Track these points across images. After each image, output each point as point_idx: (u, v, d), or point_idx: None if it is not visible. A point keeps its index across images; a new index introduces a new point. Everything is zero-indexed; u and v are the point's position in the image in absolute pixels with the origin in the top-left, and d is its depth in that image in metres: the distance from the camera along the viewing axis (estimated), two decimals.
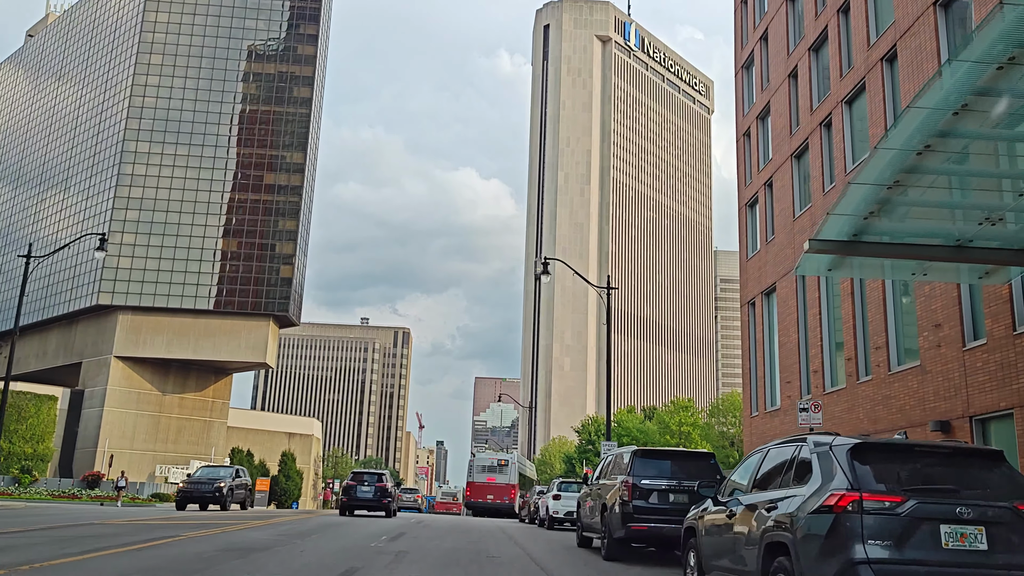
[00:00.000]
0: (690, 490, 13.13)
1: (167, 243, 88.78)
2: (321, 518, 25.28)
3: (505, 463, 46.84)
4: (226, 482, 30.31)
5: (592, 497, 15.62)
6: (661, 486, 13.17)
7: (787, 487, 6.73)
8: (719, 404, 74.55)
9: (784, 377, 24.52)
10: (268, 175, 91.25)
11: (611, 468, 15.03)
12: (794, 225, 24.60)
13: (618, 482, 13.53)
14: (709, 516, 8.15)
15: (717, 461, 13.76)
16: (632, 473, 13.31)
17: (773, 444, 7.89)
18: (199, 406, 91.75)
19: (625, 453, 14.31)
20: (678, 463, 13.72)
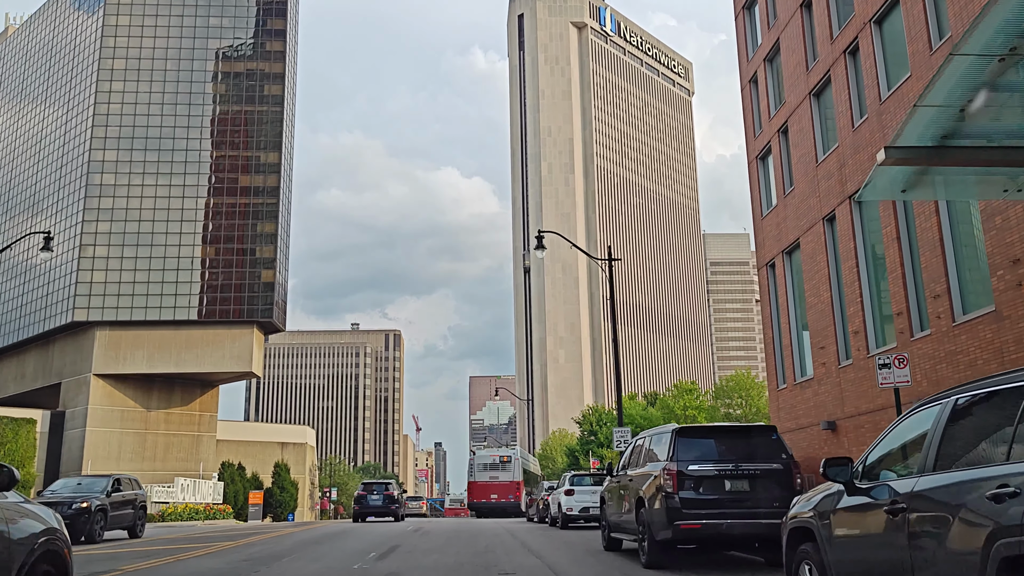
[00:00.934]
0: (751, 474, 10.38)
1: (142, 254, 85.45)
2: (308, 532, 22.44)
3: (508, 459, 44.62)
4: (93, 499, 20.34)
5: (620, 491, 12.86)
6: (713, 472, 10.42)
7: None
8: (724, 385, 72.01)
9: (816, 342, 21.82)
10: (243, 177, 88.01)
11: (642, 454, 12.26)
12: (817, 171, 21.89)
13: (658, 470, 10.78)
14: (846, 512, 5.18)
15: (779, 435, 10.99)
16: (676, 458, 10.55)
17: (922, 404, 5.02)
18: (186, 421, 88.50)
19: (662, 434, 11.53)
20: (731, 442, 10.96)
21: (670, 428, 11.21)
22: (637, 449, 12.75)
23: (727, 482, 10.38)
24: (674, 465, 10.47)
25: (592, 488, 22.50)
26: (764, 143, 25.79)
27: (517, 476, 43.97)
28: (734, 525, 10.16)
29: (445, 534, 20.35)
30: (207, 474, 67.70)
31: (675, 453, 10.59)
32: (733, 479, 10.38)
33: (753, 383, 69.73)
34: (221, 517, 60.76)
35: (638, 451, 12.62)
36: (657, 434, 11.81)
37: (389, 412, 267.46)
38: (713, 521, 10.18)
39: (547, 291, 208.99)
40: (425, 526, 25.66)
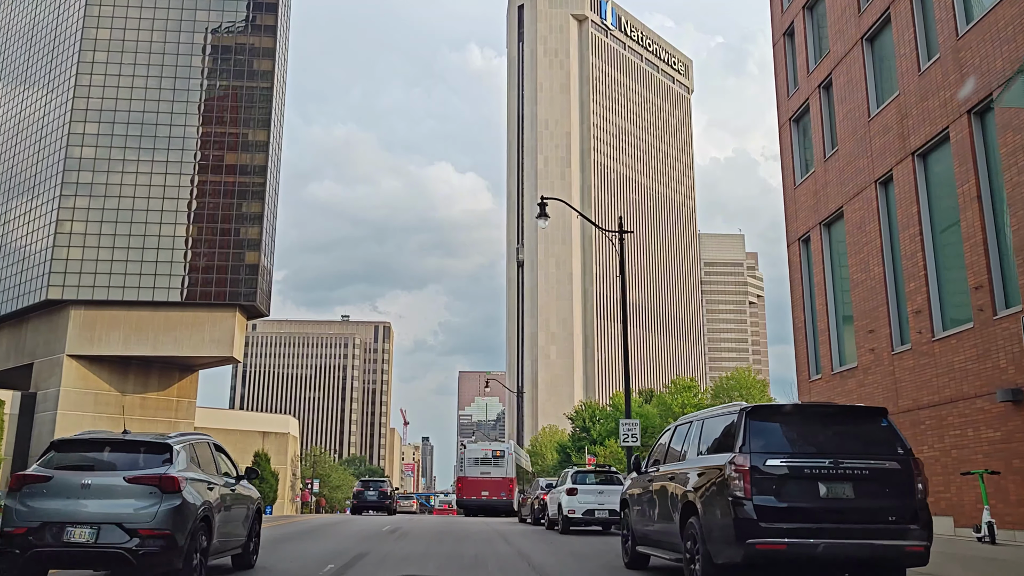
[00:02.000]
0: (856, 474, 7.32)
1: (121, 231, 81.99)
2: (273, 529, 19.32)
3: (500, 454, 41.29)
4: None
5: (653, 493, 9.80)
6: (804, 469, 7.37)
7: None
8: (723, 383, 69.13)
9: (863, 325, 18.83)
10: (230, 155, 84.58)
11: (688, 444, 9.19)
12: (870, 127, 18.88)
13: (720, 464, 7.71)
14: None
15: (890, 420, 7.88)
16: (748, 448, 7.49)
17: None
18: (163, 406, 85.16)
19: (723, 416, 8.45)
20: (826, 428, 7.85)
21: (736, 407, 8.12)
22: (678, 437, 9.68)
23: (822, 485, 7.32)
24: (746, 459, 7.41)
25: (597, 487, 19.48)
26: (800, 102, 22.78)
27: (510, 472, 40.96)
28: (833, 547, 7.12)
29: (426, 538, 17.30)
30: None
31: (747, 441, 7.52)
32: (831, 481, 7.32)
33: (754, 381, 66.91)
34: None
35: (680, 440, 9.54)
36: (714, 417, 8.70)
37: (377, 405, 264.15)
38: (803, 541, 7.14)
39: (540, 286, 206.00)
40: (404, 526, 22.58)
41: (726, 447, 7.92)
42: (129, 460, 8.59)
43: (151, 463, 8.55)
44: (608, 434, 68.63)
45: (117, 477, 8.28)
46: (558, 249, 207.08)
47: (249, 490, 11.53)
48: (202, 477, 9.21)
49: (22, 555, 7.89)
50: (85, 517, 7.99)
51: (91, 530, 7.94)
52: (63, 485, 8.11)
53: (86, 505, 8.06)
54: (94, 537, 7.94)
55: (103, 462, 8.59)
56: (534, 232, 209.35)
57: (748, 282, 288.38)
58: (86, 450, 8.82)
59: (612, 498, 19.19)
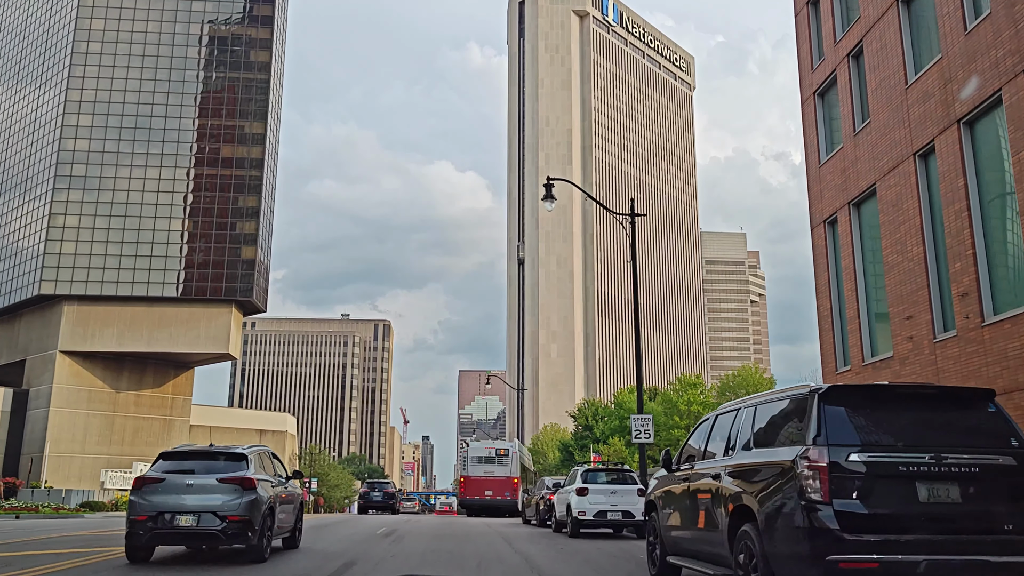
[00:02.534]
0: (964, 472, 5.79)
1: (115, 225, 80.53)
2: None
3: (505, 452, 39.91)
4: None
5: (690, 494, 8.26)
6: (899, 467, 5.83)
7: None
8: (730, 380, 67.58)
9: (900, 311, 17.29)
10: (226, 148, 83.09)
11: (733, 437, 7.65)
12: (907, 95, 17.34)
13: (790, 460, 6.16)
14: None
15: (999, 405, 6.32)
16: (825, 439, 5.95)
17: None
18: (158, 404, 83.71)
19: (784, 399, 6.88)
20: (921, 414, 6.26)
21: (803, 388, 6.56)
22: (721, 428, 8.13)
23: (921, 486, 5.78)
24: (822, 452, 5.87)
25: (610, 487, 17.98)
26: (826, 74, 21.23)
27: (515, 471, 39.53)
28: (937, 565, 5.59)
29: (424, 542, 15.78)
30: None
31: (822, 431, 5.98)
32: (932, 481, 5.78)
33: (761, 378, 65.34)
34: None
35: (723, 431, 7.99)
36: (770, 402, 7.12)
37: (376, 403, 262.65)
38: (899, 557, 5.60)
39: (541, 284, 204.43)
40: (401, 528, 21.05)
41: (791, 438, 6.38)
42: (217, 466, 11.44)
43: (233, 468, 11.35)
44: (612, 432, 67.11)
45: (211, 478, 11.08)
46: (559, 247, 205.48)
47: (295, 488, 14.43)
48: (268, 478, 12.05)
49: (145, 535, 10.82)
50: (189, 508, 10.82)
51: (193, 517, 10.79)
52: (172, 484, 10.97)
53: (189, 499, 10.88)
54: (196, 522, 10.79)
55: (199, 467, 11.41)
56: (535, 230, 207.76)
57: (750, 281, 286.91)
58: (185, 459, 11.73)
59: (626, 499, 17.71)
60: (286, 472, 13.85)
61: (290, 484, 13.77)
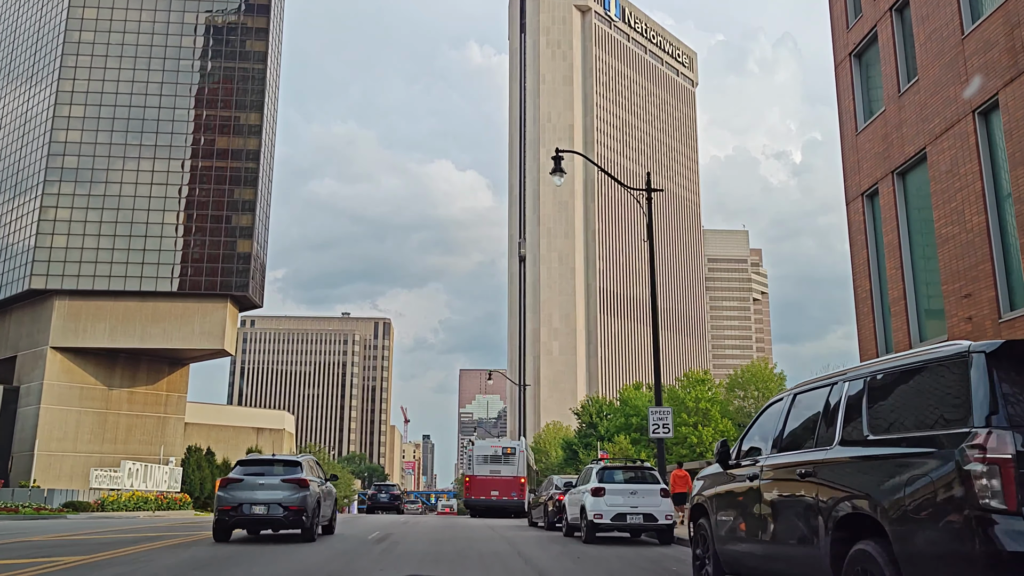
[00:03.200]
0: None
1: (107, 218, 78.63)
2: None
3: (512, 451, 38.55)
4: None
5: (760, 499, 6.33)
6: None
7: None
8: (738, 376, 65.65)
9: (956, 289, 15.36)
10: (221, 139, 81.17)
11: (827, 420, 5.70)
12: (964, 46, 15.41)
13: (956, 449, 4.20)
14: None
15: None
16: (1005, 420, 4.02)
17: None
18: (152, 401, 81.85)
19: (923, 366, 4.88)
20: None
21: (950, 348, 4.63)
22: (803, 409, 6.18)
23: None
24: (1003, 439, 3.96)
25: (629, 487, 16.10)
26: (864, 32, 19.29)
27: (521, 471, 38.22)
28: None
29: (421, 548, 13.85)
30: (168, 459, 60.95)
31: (999, 407, 4.06)
32: None
33: (771, 374, 63.42)
34: (176, 508, 54.15)
35: (808, 413, 6.06)
36: (894, 369, 5.15)
37: (377, 402, 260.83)
38: None
39: (542, 280, 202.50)
40: (396, 532, 19.14)
41: (939, 420, 4.46)
42: (279, 470, 15.56)
43: (291, 471, 15.45)
44: (617, 430, 65.21)
45: (276, 479, 15.18)
46: (560, 243, 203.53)
47: (332, 488, 18.31)
48: (315, 479, 16.03)
49: (229, 520, 15.14)
50: (260, 500, 14.96)
51: (263, 507, 14.91)
52: (248, 483, 15.18)
53: (260, 494, 14.94)
54: (266, 511, 14.93)
55: (266, 471, 15.60)
56: (536, 226, 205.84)
57: (752, 279, 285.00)
58: (256, 464, 16.04)
59: (647, 500, 15.82)
60: (325, 475, 18.04)
61: (328, 484, 17.76)
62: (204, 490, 73.40)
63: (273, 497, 14.84)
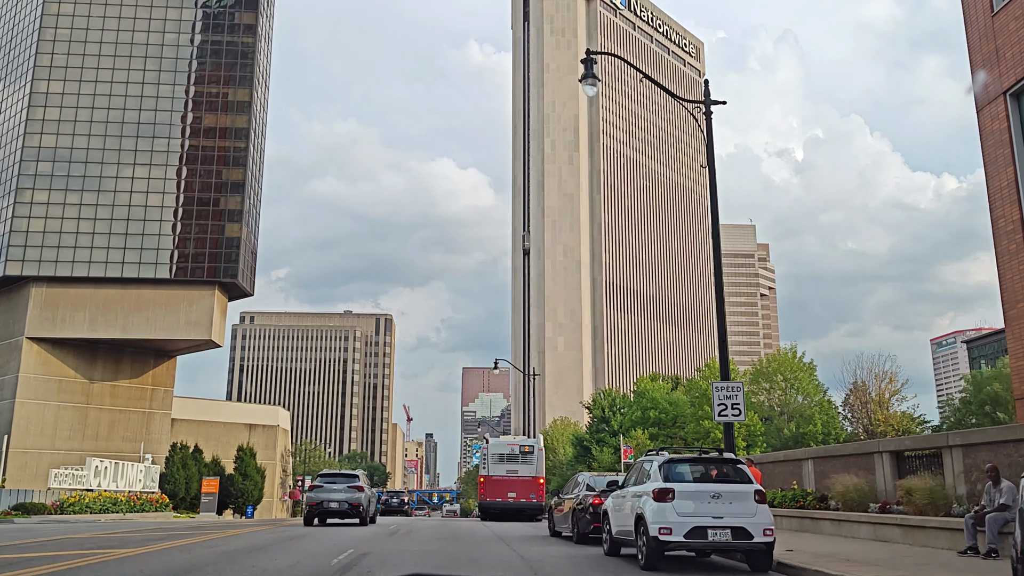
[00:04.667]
0: None
1: (87, 200, 73.80)
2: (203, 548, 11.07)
3: (530, 450, 35.59)
4: None
5: None
6: None
7: None
8: (764, 365, 60.65)
9: None
10: (208, 116, 76.32)
11: None
12: None
13: None
14: None
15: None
16: None
17: None
18: (136, 395, 77.04)
19: None
20: None
21: None
22: None
23: None
24: None
25: (710, 488, 11.18)
26: None
27: (540, 470, 35.29)
28: None
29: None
30: (144, 456, 56.02)
31: None
32: None
33: (800, 364, 58.40)
34: (152, 509, 49.34)
35: None
36: None
37: (378, 399, 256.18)
38: None
39: (547, 274, 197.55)
40: (373, 551, 14.17)
41: None
42: (343, 478, 27.59)
43: (353, 480, 27.46)
44: (633, 424, 60.26)
45: (343, 484, 27.15)
46: (566, 236, 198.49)
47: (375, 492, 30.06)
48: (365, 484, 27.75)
49: (314, 512, 26.79)
50: (334, 499, 26.51)
51: (336, 503, 26.45)
52: (326, 488, 27.16)
53: (334, 494, 26.59)
54: (338, 506, 26.38)
55: (337, 479, 27.60)
56: (541, 219, 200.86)
57: (759, 273, 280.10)
58: (330, 475, 28.22)
59: (736, 507, 10.87)
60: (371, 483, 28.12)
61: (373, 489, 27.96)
62: (190, 490, 68.61)
63: (342, 496, 26.05)
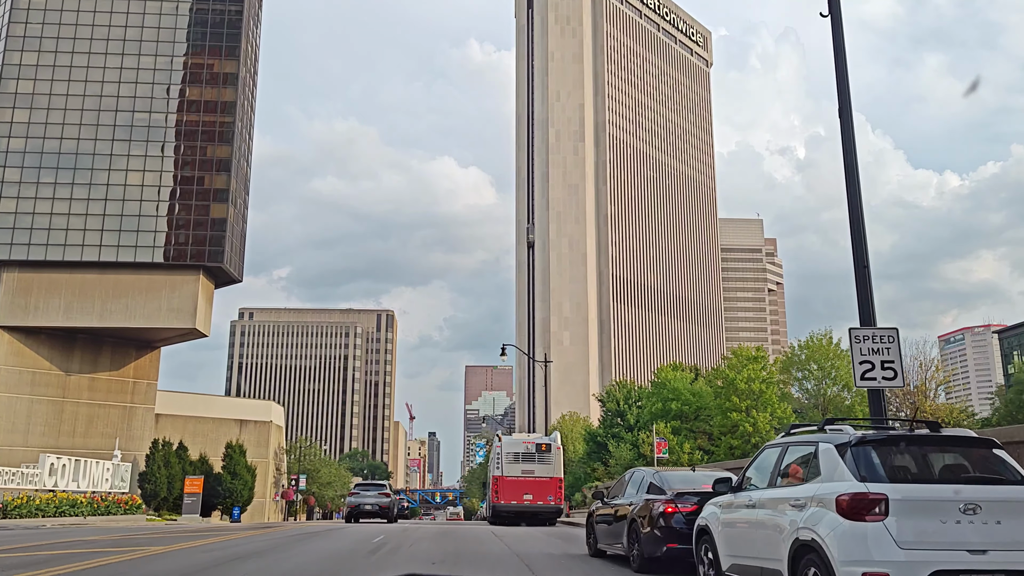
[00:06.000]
0: None
1: (62, 179, 68.68)
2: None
3: (547, 448, 32.76)
4: None
5: None
6: None
7: None
8: (795, 353, 55.25)
9: None
10: (192, 89, 71.13)
11: None
12: None
13: None
14: None
15: None
16: None
17: None
18: (116, 389, 71.93)
19: None
20: None
21: None
22: None
23: None
24: None
25: (956, 493, 5.81)
26: None
27: (559, 470, 32.55)
28: None
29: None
30: (113, 453, 50.75)
31: None
32: None
33: (836, 351, 53.12)
34: (121, 512, 44.12)
35: None
36: None
37: (380, 396, 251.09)
38: None
39: (552, 268, 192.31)
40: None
41: None
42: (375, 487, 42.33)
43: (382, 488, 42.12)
44: (653, 417, 54.97)
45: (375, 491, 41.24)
46: (571, 228, 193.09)
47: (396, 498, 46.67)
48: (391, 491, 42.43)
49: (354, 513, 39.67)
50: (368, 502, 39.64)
51: (370, 506, 39.59)
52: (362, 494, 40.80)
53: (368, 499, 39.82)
54: (371, 508, 39.49)
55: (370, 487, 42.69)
56: (545, 211, 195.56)
57: (767, 269, 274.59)
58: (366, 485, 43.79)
59: (1009, 528, 5.52)
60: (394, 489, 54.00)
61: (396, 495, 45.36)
62: (173, 491, 63.51)
63: (374, 500, 39.01)
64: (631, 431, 60.58)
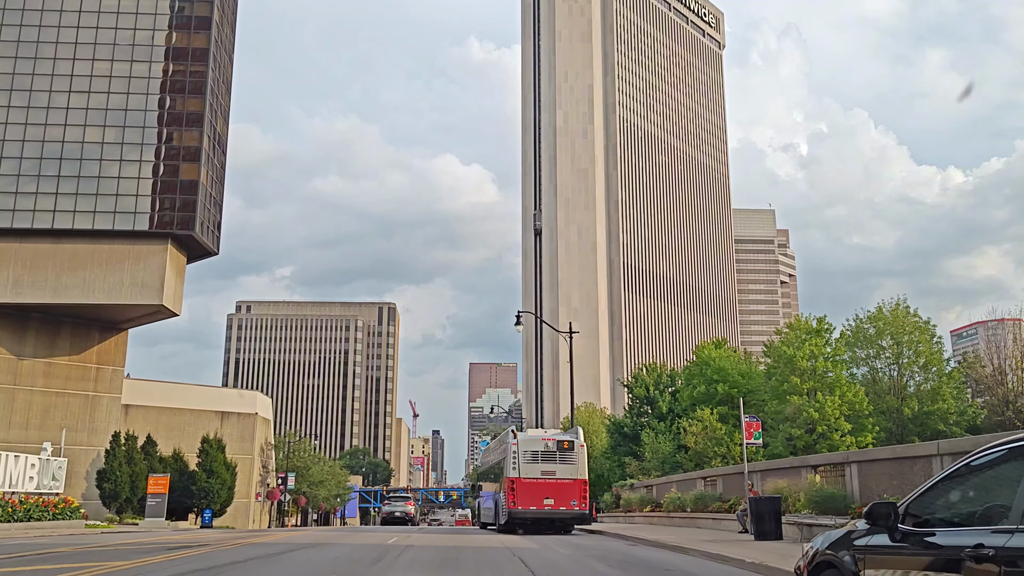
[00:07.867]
0: None
1: (11, 135, 60.23)
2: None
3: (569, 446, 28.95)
4: None
5: None
6: None
7: None
8: (862, 326, 46.49)
9: None
10: (158, 34, 62.60)
11: None
12: None
13: None
14: None
15: None
16: None
17: None
18: (77, 375, 63.47)
19: None
20: None
21: None
22: None
23: None
24: None
25: None
26: None
27: (582, 471, 28.78)
28: None
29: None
30: (50, 446, 42.24)
31: None
32: None
33: (917, 324, 44.45)
34: (49, 516, 35.63)
35: None
36: None
37: (381, 392, 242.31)
38: None
39: (560, 257, 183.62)
40: None
41: None
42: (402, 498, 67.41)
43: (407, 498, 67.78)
44: (695, 402, 46.42)
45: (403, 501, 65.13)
46: (580, 215, 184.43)
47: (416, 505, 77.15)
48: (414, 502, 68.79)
49: (388, 518, 61.10)
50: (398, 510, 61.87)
51: (401, 513, 61.09)
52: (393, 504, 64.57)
53: (397, 507, 62.46)
54: (400, 515, 60.71)
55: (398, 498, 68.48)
56: (553, 197, 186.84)
57: (780, 260, 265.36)
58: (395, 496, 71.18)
59: None
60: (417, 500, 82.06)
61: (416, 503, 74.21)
62: (136, 491, 55.13)
63: (402, 509, 61.31)
64: (663, 420, 52.05)
